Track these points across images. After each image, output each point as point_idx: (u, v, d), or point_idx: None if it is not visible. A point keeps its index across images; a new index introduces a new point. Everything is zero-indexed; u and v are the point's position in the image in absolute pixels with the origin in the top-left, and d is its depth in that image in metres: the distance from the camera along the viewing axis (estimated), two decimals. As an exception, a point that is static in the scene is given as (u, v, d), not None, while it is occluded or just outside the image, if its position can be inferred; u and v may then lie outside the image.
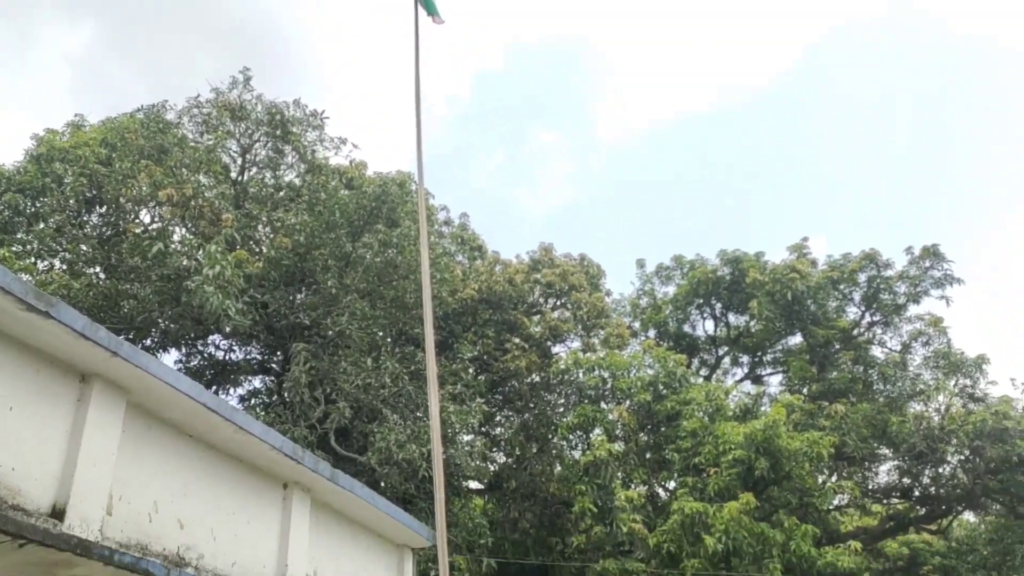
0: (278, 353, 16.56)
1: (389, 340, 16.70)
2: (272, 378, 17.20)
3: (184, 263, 12.61)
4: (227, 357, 17.17)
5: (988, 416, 23.78)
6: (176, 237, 14.31)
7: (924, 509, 27.55)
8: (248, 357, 17.30)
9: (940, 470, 25.46)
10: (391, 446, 13.67)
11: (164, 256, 12.87)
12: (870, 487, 27.21)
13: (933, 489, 26.32)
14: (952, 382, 25.41)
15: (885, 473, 28.13)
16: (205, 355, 17.02)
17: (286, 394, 14.13)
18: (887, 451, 25.27)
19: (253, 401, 16.98)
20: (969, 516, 32.68)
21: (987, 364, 25.17)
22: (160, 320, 14.44)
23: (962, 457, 24.91)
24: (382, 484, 14.15)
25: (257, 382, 17.96)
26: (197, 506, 6.37)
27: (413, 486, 14.68)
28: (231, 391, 16.99)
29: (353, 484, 8.34)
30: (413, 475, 14.34)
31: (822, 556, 17.99)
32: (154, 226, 14.96)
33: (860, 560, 21.24)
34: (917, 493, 26.95)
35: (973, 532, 32.53)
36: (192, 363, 16.58)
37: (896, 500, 28.26)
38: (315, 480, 7.65)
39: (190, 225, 14.92)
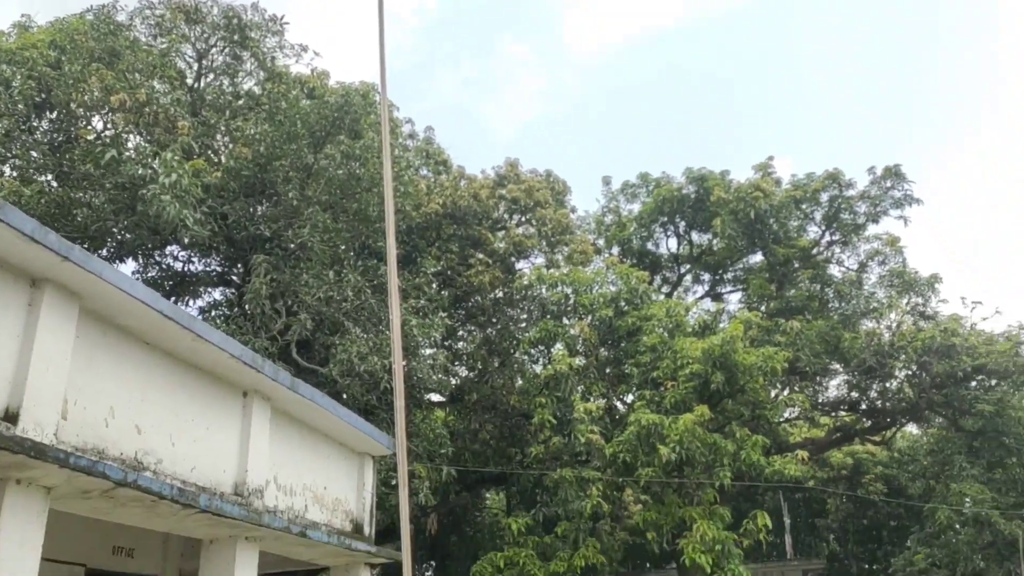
0: (238, 265, 16.40)
1: (352, 253, 16.62)
2: (232, 290, 17.09)
3: (139, 172, 12.29)
4: (186, 268, 17.00)
5: (937, 333, 24.54)
6: (130, 145, 13.91)
7: (870, 421, 28.64)
8: (208, 269, 17.14)
9: (887, 384, 26.38)
10: (353, 358, 13.76)
11: (118, 164, 12.53)
12: (820, 400, 28.16)
13: (879, 403, 27.31)
14: (904, 300, 26.09)
15: (835, 387, 29.08)
16: (163, 266, 16.81)
17: (247, 306, 14.06)
18: (838, 366, 26.08)
19: (213, 313, 16.90)
20: (912, 428, 34.09)
21: (939, 283, 25.85)
22: (115, 230, 14.17)
23: (909, 372, 25.79)
24: (344, 396, 14.29)
25: (217, 294, 17.86)
26: (155, 412, 6.41)
27: (375, 397, 14.86)
28: (191, 303, 16.89)
29: (313, 393, 8.44)
30: (375, 387, 14.51)
31: (770, 465, 18.70)
32: (107, 133, 14.52)
33: (806, 469, 22.15)
34: (864, 406, 27.97)
35: (915, 443, 34.03)
36: (150, 274, 16.36)
37: (844, 413, 29.31)
38: (275, 388, 7.72)
39: (144, 133, 14.50)
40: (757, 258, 28.43)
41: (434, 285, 19.13)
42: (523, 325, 22.41)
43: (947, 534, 29.10)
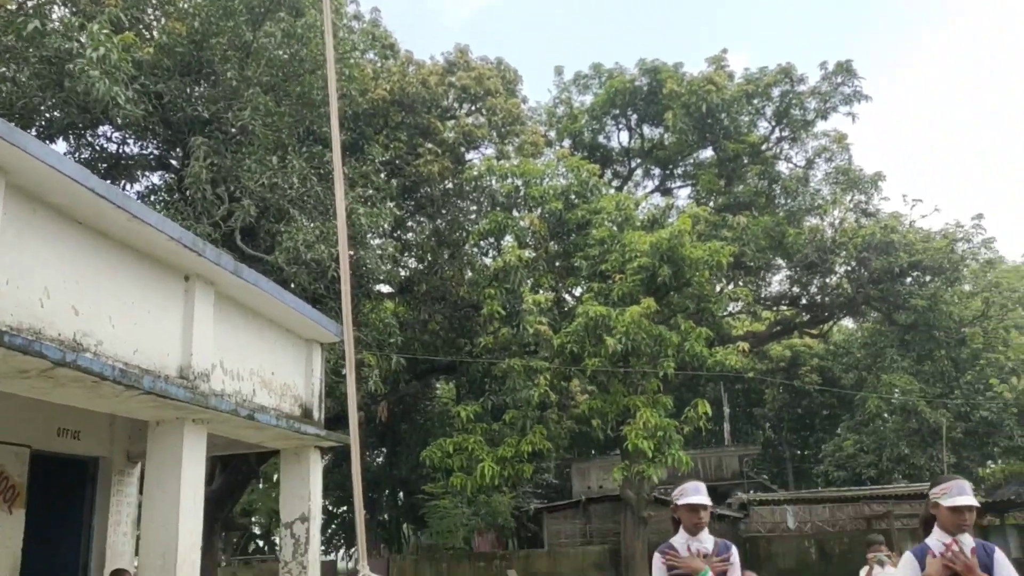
0: (177, 148, 15.75)
1: (296, 139, 16.06)
2: (171, 174, 16.48)
3: (65, 45, 11.53)
4: (121, 151, 16.26)
5: (877, 230, 25.14)
6: (55, 16, 13.00)
7: (809, 316, 29.56)
8: (144, 152, 16.43)
9: (827, 280, 27.14)
10: (299, 246, 13.51)
11: (42, 36, 11.72)
12: (762, 295, 28.89)
13: (819, 297, 28.15)
14: (848, 197, 26.55)
15: (777, 283, 29.83)
16: (97, 147, 16.04)
17: (187, 191, 13.58)
18: (781, 262, 26.67)
19: (153, 198, 16.33)
20: (848, 323, 35.37)
21: (883, 181, 26.30)
22: (43, 108, 13.39)
23: (849, 268, 26.53)
24: (291, 285, 14.10)
25: (156, 178, 17.20)
26: (93, 294, 6.20)
27: (323, 286, 14.71)
28: (128, 186, 16.24)
29: (258, 278, 8.27)
30: (322, 275, 14.33)
31: (712, 356, 19.24)
32: (30, 3, 13.53)
33: (747, 361, 22.87)
34: (804, 301, 28.80)
35: (850, 337, 35.39)
36: (83, 155, 15.63)
37: (785, 307, 30.17)
38: (218, 273, 7.53)
39: (69, 3, 13.57)
40: (707, 153, 28.46)
41: (382, 174, 18.73)
42: (473, 217, 22.23)
43: (875, 422, 30.69)
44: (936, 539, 3.82)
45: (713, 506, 4.74)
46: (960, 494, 3.77)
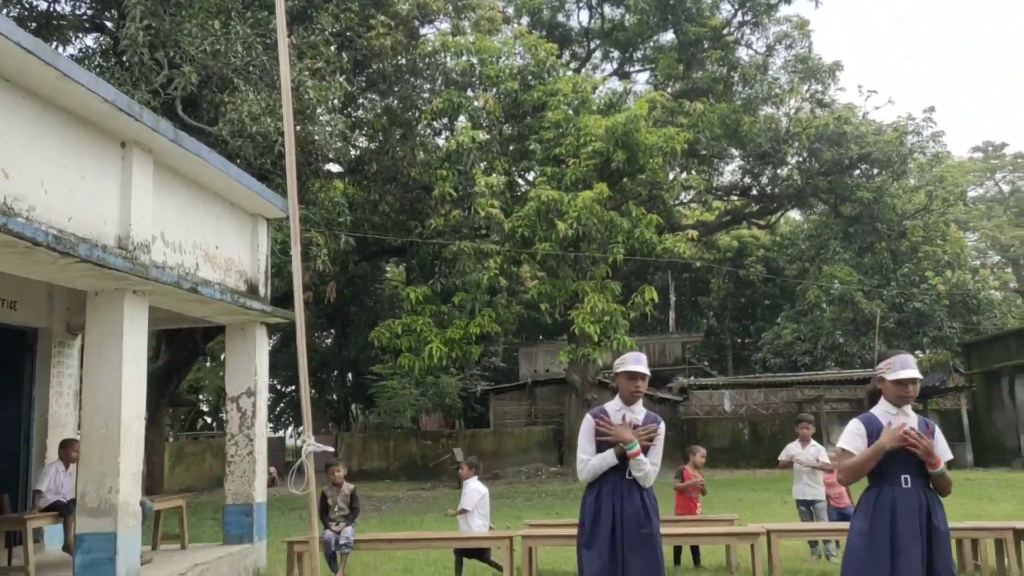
0: (112, 9, 14.79)
1: (240, 2, 15.17)
2: (107, 37, 15.53)
3: None
4: (52, 9, 15.19)
5: (831, 121, 25.21)
6: None
7: (758, 206, 29.91)
8: (77, 12, 15.40)
9: (779, 171, 27.33)
10: (244, 118, 12.98)
11: None
12: (714, 185, 29.03)
13: (769, 188, 28.41)
14: (805, 87, 26.45)
15: (730, 172, 30.00)
16: (26, 4, 14.98)
17: (123, 55, 12.85)
18: (735, 151, 26.68)
19: (87, 63, 15.42)
20: (795, 214, 35.93)
21: (840, 71, 26.19)
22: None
23: (800, 159, 26.72)
24: (237, 160, 13.62)
25: (90, 40, 16.20)
26: (22, 157, 5.88)
27: (269, 162, 14.25)
28: (60, 48, 15.29)
29: (199, 147, 7.95)
30: (268, 150, 13.87)
31: (661, 243, 19.40)
32: None
33: (695, 250, 23.19)
34: (755, 192, 29.07)
35: (796, 228, 36.05)
36: (10, 13, 14.60)
37: (735, 198, 30.42)
38: (156, 140, 7.20)
39: None
40: (668, 36, 27.87)
41: (332, 47, 17.93)
42: (426, 96, 21.59)
43: (814, 312, 31.73)
44: (882, 410, 3.96)
45: (651, 383, 4.81)
46: (904, 368, 3.90)
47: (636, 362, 4.29)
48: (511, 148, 22.48)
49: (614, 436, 4.13)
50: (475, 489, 8.03)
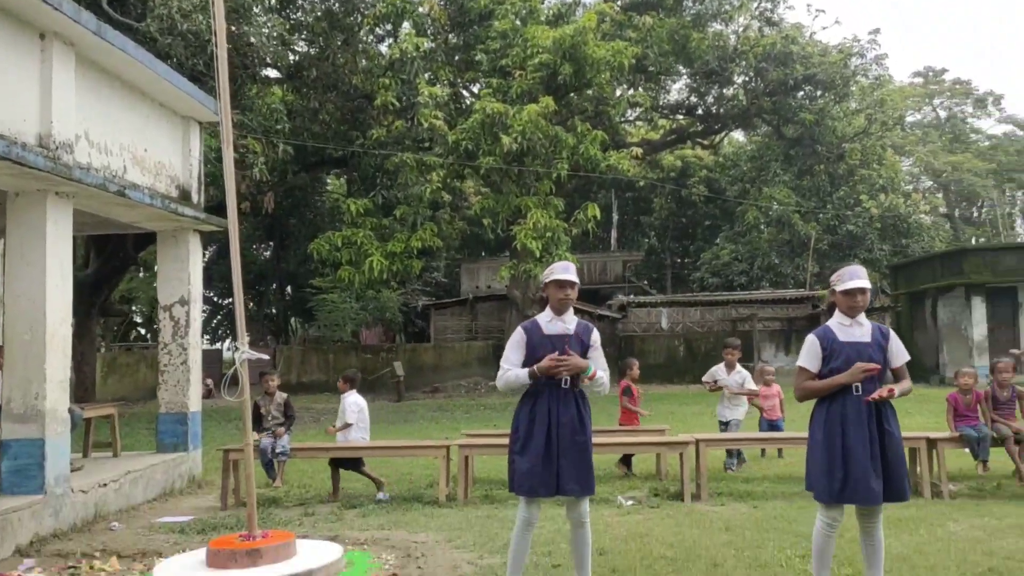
0: None
1: None
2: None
3: None
4: None
5: (778, 40, 25.13)
6: None
7: (703, 126, 29.93)
8: None
9: (725, 90, 27.28)
10: (174, 14, 12.32)
11: None
12: (661, 102, 28.87)
13: (715, 108, 28.40)
14: (755, 3, 26.20)
15: (676, 91, 29.82)
16: None
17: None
18: (683, 69, 26.48)
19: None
20: (739, 135, 36.13)
21: (791, -12, 25.92)
22: None
23: (746, 78, 26.68)
24: (168, 60, 12.98)
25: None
26: (-73, 44, 5.48)
27: (202, 63, 13.62)
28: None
29: (125, 42, 7.51)
30: (201, 50, 13.24)
31: (606, 159, 19.31)
32: None
33: (639, 170, 23.18)
34: (700, 111, 29.03)
35: (739, 149, 36.30)
36: None
37: (681, 117, 30.36)
38: (78, 32, 6.77)
39: None
40: (618, -53, 27.11)
41: (268, -59, 17.04)
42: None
43: (752, 233, 32.27)
44: (836, 322, 4.12)
45: (591, 300, 4.76)
46: (852, 278, 4.05)
47: (564, 271, 4.29)
48: (456, 58, 21.89)
49: (572, 368, 4.12)
50: (354, 402, 8.09)
